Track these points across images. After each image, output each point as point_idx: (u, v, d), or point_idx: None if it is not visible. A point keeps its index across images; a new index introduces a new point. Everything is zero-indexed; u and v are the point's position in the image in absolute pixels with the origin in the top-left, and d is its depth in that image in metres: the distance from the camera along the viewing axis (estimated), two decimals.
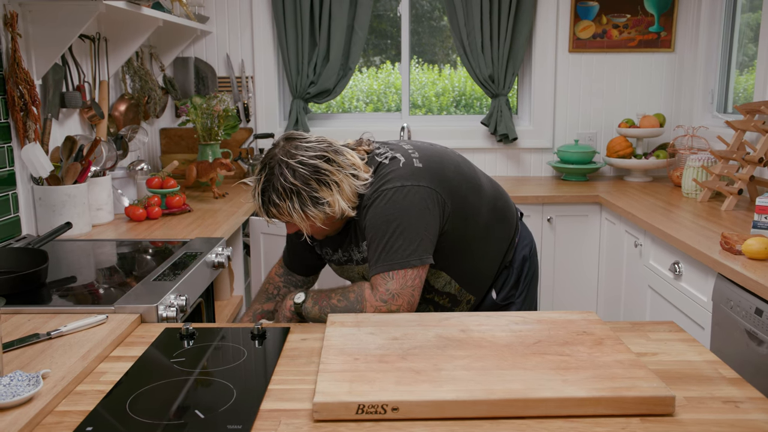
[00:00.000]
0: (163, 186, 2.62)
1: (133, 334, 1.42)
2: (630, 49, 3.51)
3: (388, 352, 1.22)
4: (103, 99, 2.73)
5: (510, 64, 3.46)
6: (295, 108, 3.50)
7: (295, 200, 1.49)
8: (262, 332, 1.40)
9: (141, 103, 3.12)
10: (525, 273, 1.80)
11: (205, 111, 3.13)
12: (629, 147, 3.38)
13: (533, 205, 3.06)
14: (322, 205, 1.50)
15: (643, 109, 3.53)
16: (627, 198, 2.91)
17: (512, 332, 1.32)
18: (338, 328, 1.35)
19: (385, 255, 1.51)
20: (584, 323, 1.36)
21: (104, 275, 1.86)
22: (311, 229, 1.58)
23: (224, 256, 2.02)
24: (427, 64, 3.92)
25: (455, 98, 3.96)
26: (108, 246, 2.15)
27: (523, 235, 1.85)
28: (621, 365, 1.15)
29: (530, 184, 3.39)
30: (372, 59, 3.98)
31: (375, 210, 1.53)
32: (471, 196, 1.66)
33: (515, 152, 3.64)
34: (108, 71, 2.79)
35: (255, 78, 3.56)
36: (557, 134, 3.61)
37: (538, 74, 3.55)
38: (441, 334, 1.31)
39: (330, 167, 1.51)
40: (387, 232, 1.51)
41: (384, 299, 1.50)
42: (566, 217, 3.09)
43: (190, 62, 3.51)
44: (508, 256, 1.78)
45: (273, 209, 1.52)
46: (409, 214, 1.52)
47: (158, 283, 1.66)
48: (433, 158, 1.64)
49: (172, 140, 3.56)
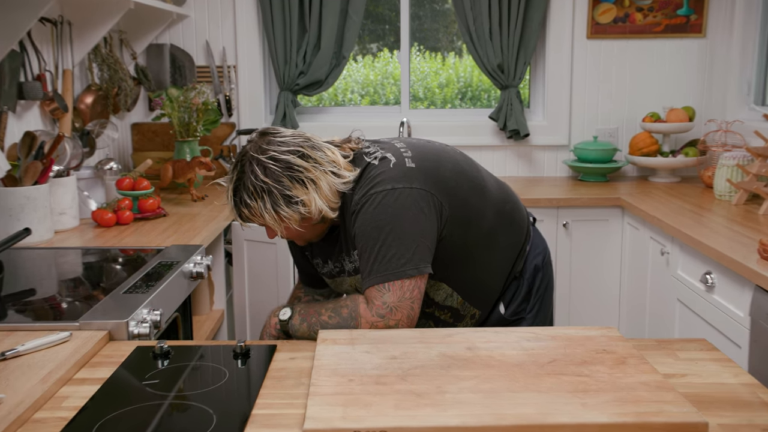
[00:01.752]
0: (135, 187, 2.62)
1: (100, 353, 1.42)
2: (656, 35, 3.51)
3: (386, 372, 1.22)
4: (67, 90, 2.73)
5: (521, 52, 3.46)
6: (282, 101, 3.50)
7: (267, 199, 1.52)
8: (246, 350, 1.39)
9: (110, 95, 3.12)
10: (537, 285, 1.80)
11: (182, 104, 3.13)
12: (655, 144, 3.38)
13: (547, 208, 3.06)
14: (296, 205, 1.53)
15: (670, 102, 3.54)
16: (652, 200, 2.92)
17: (524, 350, 1.32)
18: (330, 346, 1.35)
19: (378, 265, 1.52)
20: (604, 340, 1.36)
21: (68, 287, 1.85)
22: (287, 232, 1.60)
23: (203, 265, 2.01)
24: (430, 52, 3.92)
25: (460, 90, 3.97)
26: (72, 254, 2.14)
27: (536, 242, 1.85)
28: (646, 387, 1.15)
29: (544, 185, 3.39)
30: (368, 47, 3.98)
31: (364, 216, 1.54)
32: (473, 198, 1.66)
33: (527, 150, 3.65)
34: (72, 59, 2.79)
35: (238, 67, 3.56)
36: (574, 130, 3.61)
37: (553, 63, 3.56)
38: (445, 352, 1.31)
39: (305, 163, 1.53)
40: (378, 240, 1.52)
41: (381, 314, 1.50)
42: (584, 221, 3.09)
43: (166, 49, 3.51)
44: (518, 266, 1.78)
45: (245, 210, 1.56)
46: (402, 219, 1.53)
47: (129, 295, 1.65)
48: (428, 157, 1.64)
49: (145, 136, 3.56)
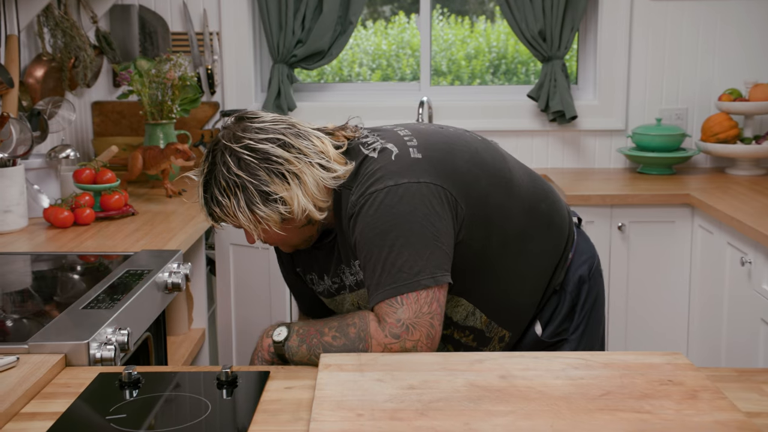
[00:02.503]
0: (97, 180, 2.63)
1: (54, 381, 1.42)
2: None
3: (403, 405, 1.22)
4: (13, 61, 2.74)
5: (568, 17, 3.46)
6: (276, 75, 3.51)
7: (241, 197, 1.55)
8: (232, 378, 1.40)
9: (65, 68, 3.14)
10: (583, 300, 1.80)
11: (154, 79, 3.15)
12: (734, 128, 3.37)
13: (598, 207, 3.06)
14: (275, 203, 1.55)
15: (753, 76, 3.52)
16: (730, 198, 2.91)
17: (570, 380, 1.31)
18: (335, 373, 1.35)
19: (387, 276, 1.52)
20: (670, 369, 1.35)
21: (14, 302, 1.86)
22: (266, 236, 1.63)
23: (181, 275, 2.02)
24: (455, 17, 3.92)
25: (492, 62, 3.96)
26: (20, 261, 2.15)
27: (581, 248, 1.86)
28: (725, 429, 1.14)
29: (594, 178, 3.39)
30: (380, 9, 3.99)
31: (364, 220, 1.55)
32: (495, 195, 1.66)
33: (574, 135, 3.64)
34: (18, 22, 2.80)
35: (222, 35, 3.58)
36: (632, 111, 3.61)
37: (607, 30, 3.55)
38: (473, 381, 1.31)
39: (286, 154, 1.55)
40: (384, 247, 1.52)
41: (395, 333, 1.50)
42: (644, 223, 3.09)
43: (134, 12, 3.53)
44: (558, 277, 1.79)
45: (216, 209, 1.59)
46: (411, 221, 1.54)
47: (90, 311, 1.66)
48: (438, 146, 1.65)
49: (108, 118, 3.58)
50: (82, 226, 2.50)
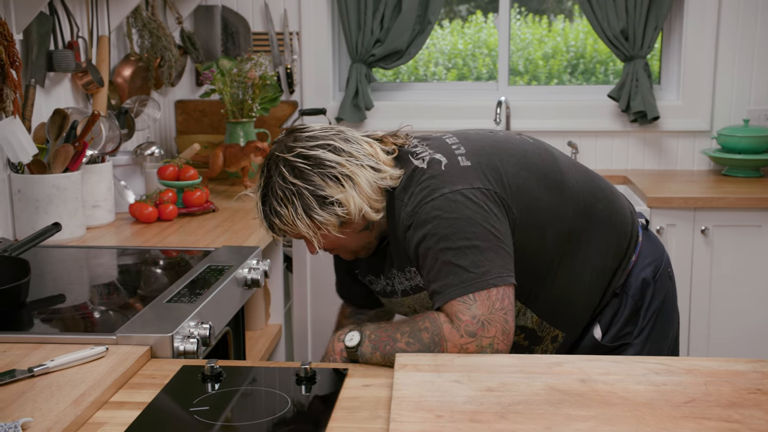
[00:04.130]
0: (180, 177, 2.69)
1: (140, 372, 1.46)
2: None
3: (482, 408, 1.22)
4: (103, 61, 2.82)
5: (651, 14, 3.40)
6: (354, 75, 3.53)
7: (298, 204, 1.58)
8: (311, 375, 1.41)
9: (151, 67, 3.22)
10: (647, 303, 1.78)
11: (235, 78, 3.20)
12: None
13: (681, 210, 3.01)
14: (331, 206, 1.58)
15: None
16: None
17: (653, 386, 1.29)
18: (411, 373, 1.35)
19: (455, 277, 1.53)
20: (758, 377, 1.32)
21: (102, 294, 1.92)
22: (327, 242, 1.65)
23: (260, 271, 2.04)
24: (533, 16, 3.89)
25: (570, 62, 3.92)
26: (107, 255, 2.22)
27: (646, 250, 1.83)
28: None
29: (677, 180, 3.34)
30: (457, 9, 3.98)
31: (424, 228, 1.57)
32: (547, 197, 1.67)
33: (656, 137, 3.58)
34: (109, 24, 2.88)
35: (302, 35, 3.61)
36: (718, 112, 3.53)
37: (693, 27, 3.48)
38: (552, 384, 1.30)
39: (337, 158, 1.59)
40: (449, 251, 1.54)
41: (471, 331, 1.50)
42: (729, 227, 3.03)
43: (216, 13, 3.60)
44: (619, 279, 1.77)
45: (276, 220, 1.62)
46: (471, 224, 1.55)
47: (173, 305, 1.69)
48: (485, 151, 1.67)
49: (191, 116, 3.65)
50: (165, 221, 2.56)
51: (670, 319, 1.84)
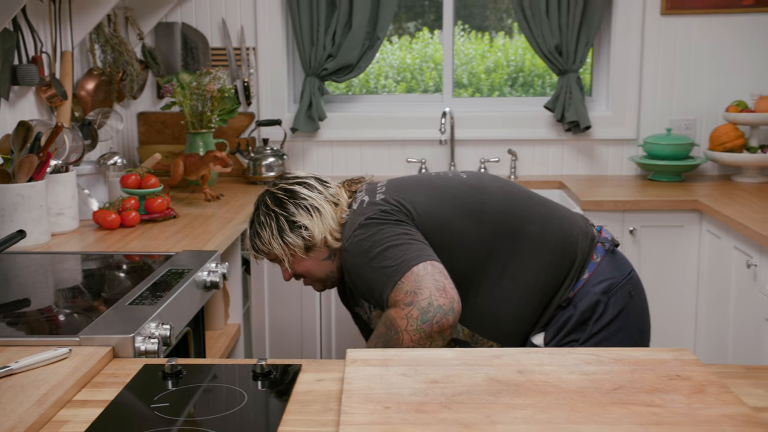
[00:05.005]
0: (142, 185, 2.66)
1: (103, 372, 1.44)
2: (744, 9, 3.46)
3: (427, 399, 1.22)
4: (66, 75, 2.78)
5: (583, 31, 3.44)
6: (308, 88, 3.52)
7: (274, 227, 1.83)
8: (266, 371, 1.41)
9: (114, 81, 3.18)
10: (596, 316, 1.81)
11: (194, 91, 3.17)
12: (740, 138, 3.34)
13: (611, 212, 3.05)
14: (299, 229, 1.82)
15: (759, 88, 3.49)
16: (736, 204, 2.89)
17: (584, 375, 1.31)
18: (361, 367, 1.35)
19: (384, 278, 1.70)
20: (678, 365, 1.34)
21: (66, 297, 1.88)
22: (296, 266, 1.87)
23: (218, 274, 2.03)
24: (476, 32, 3.91)
25: (511, 75, 3.95)
26: (71, 260, 2.18)
27: (604, 269, 1.86)
28: (732, 422, 1.13)
29: (607, 185, 3.37)
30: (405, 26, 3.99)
31: (349, 262, 1.78)
32: (461, 222, 1.81)
33: (588, 145, 3.62)
34: (72, 39, 2.84)
35: (258, 50, 3.60)
36: (644, 122, 3.59)
37: (620, 44, 3.53)
38: (493, 376, 1.31)
39: (310, 193, 1.86)
40: (373, 260, 1.72)
41: (408, 302, 1.64)
42: (654, 228, 3.07)
43: (176, 29, 3.56)
44: (564, 293, 1.82)
45: (257, 241, 1.87)
46: (383, 233, 1.74)
47: (135, 307, 1.67)
48: (401, 187, 1.87)
49: (152, 127, 3.61)
50: (128, 227, 2.53)
51: (627, 331, 1.86)
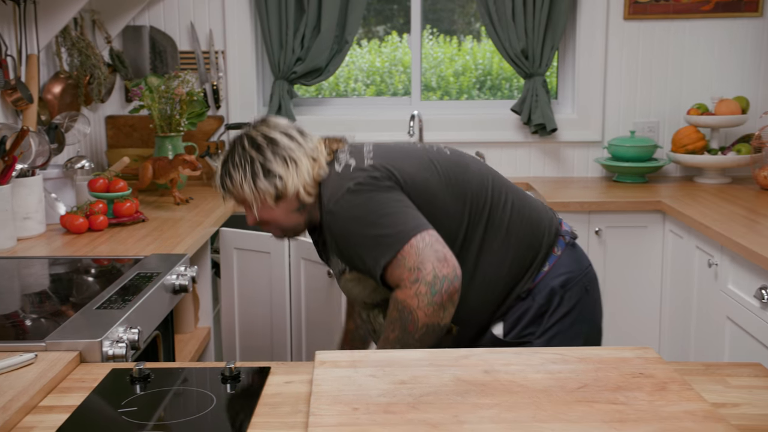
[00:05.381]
0: (110, 189, 2.63)
1: (69, 377, 1.42)
2: (704, 14, 3.51)
3: (395, 399, 1.22)
4: (32, 78, 2.74)
5: (548, 36, 3.47)
6: (277, 91, 3.51)
7: (248, 170, 1.77)
8: (235, 373, 1.40)
9: (81, 84, 3.14)
10: (552, 309, 1.83)
11: (163, 94, 3.14)
12: (701, 140, 3.38)
13: (577, 213, 3.07)
14: (273, 178, 1.75)
15: (719, 92, 3.54)
16: (698, 205, 2.92)
17: (550, 374, 1.32)
18: (330, 369, 1.35)
19: (380, 246, 1.67)
20: (641, 363, 1.36)
21: (32, 303, 1.86)
22: (263, 213, 1.80)
23: (187, 277, 2.02)
24: (444, 36, 3.93)
25: (478, 79, 3.97)
26: (38, 265, 2.15)
27: (564, 262, 1.87)
28: (693, 418, 1.15)
29: (573, 186, 3.40)
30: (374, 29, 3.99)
31: (336, 223, 1.73)
32: (446, 197, 1.78)
33: (554, 147, 3.65)
34: (38, 42, 2.80)
35: (227, 53, 3.58)
36: (608, 124, 3.62)
37: (584, 48, 3.56)
38: (460, 376, 1.31)
39: (290, 143, 1.79)
40: (366, 227, 1.69)
41: (413, 279, 1.63)
42: (619, 228, 3.10)
43: (144, 32, 3.53)
44: (524, 285, 1.83)
45: (227, 180, 1.80)
46: (376, 201, 1.71)
47: (103, 311, 1.66)
48: (390, 155, 1.81)
49: (121, 131, 3.57)
50: (96, 231, 2.50)
51: (579, 325, 1.87)
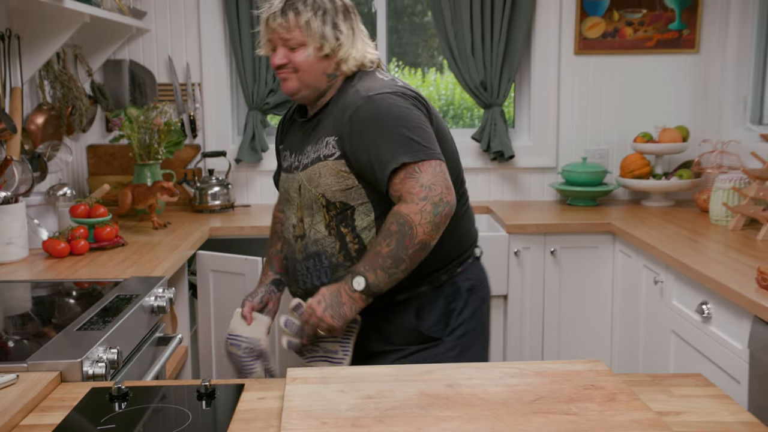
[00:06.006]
0: (91, 215, 2.61)
1: (50, 396, 1.40)
2: (647, 51, 3.59)
3: (362, 413, 1.22)
4: (16, 109, 2.72)
5: (505, 69, 3.51)
6: (251, 121, 3.51)
7: (320, 13, 1.78)
8: (211, 390, 1.39)
9: (63, 115, 3.12)
10: (458, 309, 1.88)
11: (142, 124, 3.13)
12: (647, 166, 3.44)
13: (534, 235, 3.09)
14: (338, 31, 1.80)
15: (662, 121, 3.60)
16: (645, 226, 2.95)
17: (508, 387, 1.33)
18: (301, 385, 1.35)
19: (407, 148, 1.69)
20: (592, 375, 1.38)
21: (15, 325, 1.83)
22: (302, 58, 1.79)
23: (165, 299, 2.01)
24: (409, 68, 3.96)
25: (442, 108, 4.01)
26: (20, 288, 2.12)
27: (473, 270, 1.95)
28: (639, 426, 1.17)
29: (530, 210, 3.43)
30: None
31: (374, 108, 1.73)
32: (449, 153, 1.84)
33: (512, 173, 3.69)
34: (21, 76, 2.78)
35: (203, 85, 3.58)
36: (562, 151, 3.66)
37: (539, 81, 3.61)
38: (423, 390, 1.32)
39: (360, 23, 1.87)
40: (404, 128, 1.71)
41: (423, 196, 1.66)
42: (573, 249, 3.13)
43: (124, 66, 3.52)
44: (438, 277, 1.86)
45: (292, 12, 1.78)
46: (418, 115, 1.75)
47: (83, 333, 1.64)
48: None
49: (102, 159, 3.55)
50: (77, 255, 2.47)
51: (480, 328, 1.95)
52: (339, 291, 1.76)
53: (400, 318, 1.87)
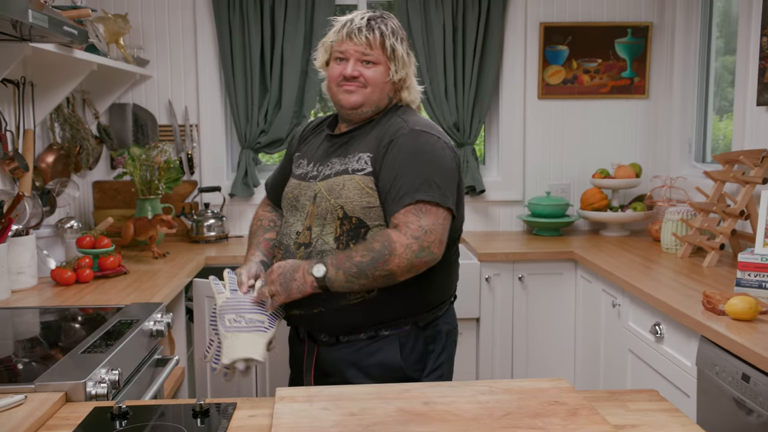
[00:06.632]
0: (96, 245, 2.59)
1: (56, 415, 1.39)
2: (602, 96, 3.65)
3: (346, 430, 1.22)
4: (28, 150, 2.71)
5: (476, 111, 3.55)
6: (244, 159, 3.52)
7: (400, 40, 1.78)
8: (205, 409, 1.38)
9: (72, 154, 3.11)
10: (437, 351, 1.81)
11: (144, 162, 3.13)
12: (604, 199, 3.47)
13: (503, 262, 3.11)
14: (408, 57, 1.79)
15: (618, 159, 3.65)
16: (603, 254, 2.98)
17: (479, 404, 1.33)
18: (288, 404, 1.34)
19: (427, 186, 1.65)
20: (556, 392, 1.38)
21: (24, 348, 1.81)
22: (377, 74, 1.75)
23: (164, 323, 1.99)
24: None
25: None
26: (29, 314, 2.10)
27: (450, 314, 1.89)
28: None
29: (500, 239, 3.44)
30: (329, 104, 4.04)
31: (415, 142, 1.69)
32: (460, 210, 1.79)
33: (483, 206, 3.71)
34: (34, 119, 2.78)
35: (200, 126, 3.59)
36: (528, 186, 3.70)
37: (506, 122, 3.65)
38: (402, 407, 1.32)
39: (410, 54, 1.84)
40: (428, 168, 1.67)
41: (416, 235, 1.61)
42: (539, 275, 3.14)
43: (128, 109, 3.53)
44: (422, 318, 1.79)
45: (379, 30, 1.74)
46: (453, 170, 1.72)
47: (87, 355, 1.63)
48: None
49: (106, 194, 3.53)
50: (82, 283, 2.45)
51: (449, 374, 1.89)
52: (297, 268, 1.68)
53: (382, 353, 1.76)
